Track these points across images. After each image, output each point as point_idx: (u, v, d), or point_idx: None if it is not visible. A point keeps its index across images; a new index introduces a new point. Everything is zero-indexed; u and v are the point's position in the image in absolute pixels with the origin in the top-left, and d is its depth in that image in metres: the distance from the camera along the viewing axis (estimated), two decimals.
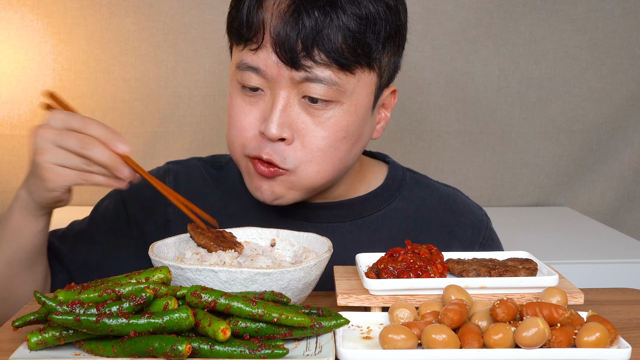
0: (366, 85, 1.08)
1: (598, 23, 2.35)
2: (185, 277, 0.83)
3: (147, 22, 2.25)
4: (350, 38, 1.02)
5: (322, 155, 1.08)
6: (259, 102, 1.08)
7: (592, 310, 0.82)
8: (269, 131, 1.04)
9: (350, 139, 1.09)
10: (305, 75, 1.03)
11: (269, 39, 1.03)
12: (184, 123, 2.31)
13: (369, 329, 0.83)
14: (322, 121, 1.06)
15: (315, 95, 1.04)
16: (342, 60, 1.03)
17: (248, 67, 1.06)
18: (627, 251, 1.93)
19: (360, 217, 1.21)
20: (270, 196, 1.10)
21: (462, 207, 1.26)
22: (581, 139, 2.41)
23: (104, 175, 0.97)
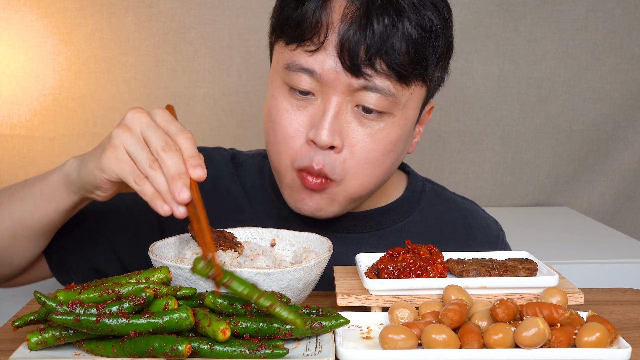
0: (416, 99, 1.06)
1: (598, 23, 2.35)
2: (185, 277, 0.83)
3: (147, 22, 2.25)
4: (413, 49, 1.00)
5: (369, 168, 1.05)
6: (308, 107, 1.03)
7: (592, 310, 0.82)
8: (320, 138, 1.01)
9: (396, 152, 1.07)
10: (364, 83, 1.00)
11: (332, 41, 0.99)
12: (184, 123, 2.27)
13: (369, 329, 0.83)
14: (373, 132, 1.03)
15: (370, 105, 1.01)
16: (402, 71, 1.00)
17: (301, 69, 1.01)
18: (627, 251, 1.93)
19: (380, 228, 1.20)
20: (312, 208, 1.08)
21: (479, 222, 1.26)
22: (581, 139, 2.40)
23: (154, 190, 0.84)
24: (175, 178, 0.83)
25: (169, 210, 0.83)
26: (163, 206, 0.83)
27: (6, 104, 2.24)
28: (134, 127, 0.88)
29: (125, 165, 0.87)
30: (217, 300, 0.77)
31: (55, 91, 2.25)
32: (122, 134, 0.88)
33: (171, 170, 0.83)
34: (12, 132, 2.25)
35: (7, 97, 2.24)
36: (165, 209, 0.83)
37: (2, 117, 2.24)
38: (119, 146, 0.88)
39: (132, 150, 0.87)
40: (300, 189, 1.07)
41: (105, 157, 0.89)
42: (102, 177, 0.90)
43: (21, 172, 2.27)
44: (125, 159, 0.87)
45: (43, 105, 2.25)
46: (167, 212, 0.83)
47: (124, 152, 0.88)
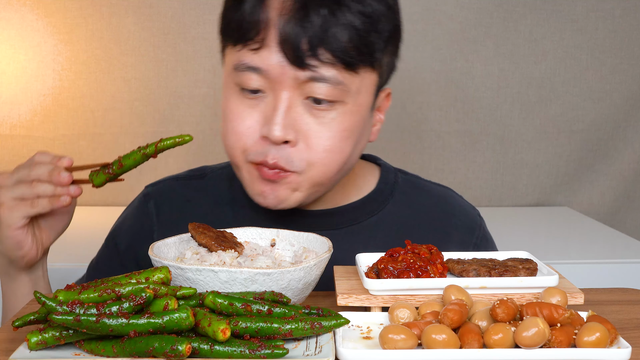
0: (368, 85, 1.07)
1: (598, 23, 2.35)
2: (185, 277, 0.83)
3: (147, 22, 2.25)
4: (356, 36, 1.01)
5: (328, 156, 1.06)
6: (259, 105, 1.05)
7: (592, 310, 0.82)
8: (273, 134, 1.02)
9: (353, 139, 1.08)
10: (310, 74, 1.01)
11: (273, 38, 1.01)
12: (184, 123, 2.31)
13: (369, 329, 0.83)
14: (327, 122, 1.04)
15: (320, 95, 1.02)
16: (348, 59, 1.01)
17: (248, 68, 1.03)
18: (627, 251, 1.93)
19: (355, 223, 1.19)
20: (274, 201, 1.08)
21: (455, 208, 1.25)
22: (581, 139, 2.41)
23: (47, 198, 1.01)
24: (50, 175, 1.01)
25: (67, 198, 1.02)
26: (61, 199, 1.02)
27: (6, 104, 2.24)
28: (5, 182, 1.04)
29: (19, 206, 1.02)
30: (217, 300, 0.77)
31: (55, 91, 2.25)
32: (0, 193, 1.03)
33: (44, 175, 1.01)
34: (12, 132, 2.26)
35: (7, 97, 2.24)
36: (63, 199, 1.02)
37: (2, 117, 2.24)
38: (4, 200, 1.02)
39: (12, 194, 1.02)
40: (258, 181, 1.08)
41: (2, 216, 1.02)
42: (13, 232, 1.03)
43: None
44: (17, 203, 1.02)
45: (43, 105, 2.25)
46: (66, 200, 1.02)
47: (10, 200, 1.02)
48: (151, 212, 1.23)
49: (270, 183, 1.07)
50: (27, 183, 1.02)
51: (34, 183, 1.01)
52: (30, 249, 1.05)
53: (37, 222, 1.06)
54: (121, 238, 1.24)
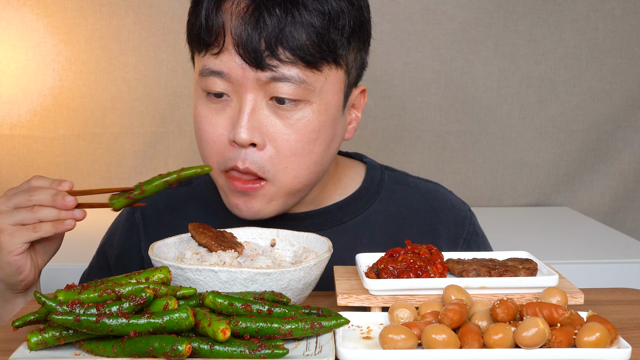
0: (334, 83, 1.06)
1: (598, 23, 2.35)
2: (185, 277, 0.83)
3: (147, 22, 2.25)
4: (314, 34, 1.01)
5: (297, 160, 1.05)
6: (226, 109, 1.05)
7: (592, 310, 0.82)
8: (239, 137, 1.02)
9: (323, 140, 1.07)
10: (271, 74, 1.01)
11: (230, 41, 1.01)
12: (184, 123, 2.31)
13: (369, 329, 0.83)
14: (293, 123, 1.04)
15: (284, 95, 1.02)
16: (308, 57, 1.01)
17: (211, 72, 1.03)
18: (627, 251, 1.93)
19: (340, 223, 1.18)
20: (249, 213, 1.08)
21: (444, 203, 1.23)
22: (581, 139, 2.41)
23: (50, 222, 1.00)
24: (54, 199, 0.99)
25: (72, 222, 1.01)
26: (65, 223, 1.00)
27: (6, 104, 2.24)
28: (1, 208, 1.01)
29: (20, 232, 1.01)
30: (217, 300, 0.77)
31: (55, 91, 2.25)
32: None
33: (47, 199, 1.00)
34: (12, 132, 2.26)
35: (7, 97, 2.24)
36: (69, 223, 1.00)
37: (2, 117, 2.24)
38: (4, 227, 1.01)
39: (12, 219, 1.01)
40: (233, 193, 1.08)
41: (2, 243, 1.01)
42: (14, 257, 1.02)
43: (21, 172, 2.27)
44: (17, 229, 1.01)
45: (43, 105, 2.25)
46: (72, 224, 1.01)
47: (11, 227, 1.01)
48: (138, 223, 1.23)
49: (243, 196, 1.07)
50: (27, 208, 1.00)
51: (36, 208, 1.00)
52: (29, 273, 1.05)
53: (32, 246, 1.06)
54: (111, 250, 1.24)
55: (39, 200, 1.00)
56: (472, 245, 1.21)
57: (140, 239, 1.21)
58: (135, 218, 1.23)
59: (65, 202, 0.99)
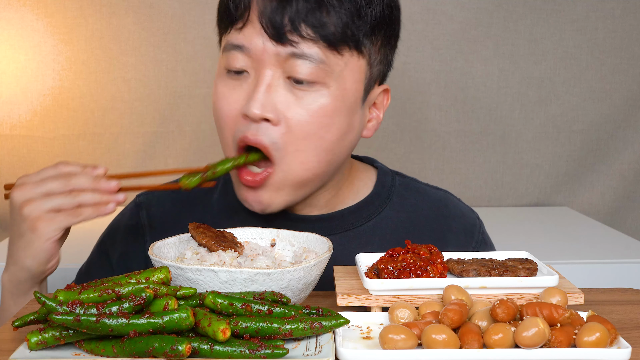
0: (355, 71, 1.05)
1: (598, 23, 2.35)
2: (185, 277, 0.83)
3: (147, 22, 2.25)
4: (339, 17, 1.01)
5: (307, 144, 1.04)
6: (243, 85, 1.05)
7: (592, 310, 0.82)
8: (251, 110, 1.01)
9: (337, 128, 1.06)
10: (291, 50, 1.01)
11: (255, 14, 1.02)
12: (184, 123, 2.31)
13: (369, 329, 0.83)
14: (307, 104, 1.03)
15: (301, 74, 1.01)
16: (330, 37, 1.01)
17: (233, 47, 1.04)
18: (627, 251, 1.93)
19: (352, 228, 1.18)
20: (258, 206, 1.08)
21: (454, 211, 1.24)
22: (581, 139, 2.41)
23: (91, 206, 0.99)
24: (96, 183, 0.98)
25: (113, 205, 0.99)
26: (108, 206, 0.99)
27: (6, 104, 2.24)
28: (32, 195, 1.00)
29: (59, 217, 0.99)
30: (217, 300, 0.77)
31: (55, 91, 2.25)
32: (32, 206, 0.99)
33: (87, 183, 0.98)
34: (12, 132, 2.26)
35: (7, 97, 2.24)
36: (111, 206, 0.99)
37: (2, 117, 2.24)
38: (41, 214, 0.99)
39: (49, 205, 0.99)
40: (240, 187, 1.08)
41: (39, 230, 0.99)
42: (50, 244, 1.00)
43: (21, 172, 2.27)
44: (54, 215, 0.99)
45: (43, 105, 2.25)
46: (113, 207, 0.99)
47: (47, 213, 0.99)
48: (143, 223, 1.22)
49: (251, 190, 1.07)
50: (64, 194, 0.99)
51: (74, 192, 0.99)
52: (57, 261, 1.05)
53: None
54: (113, 248, 1.23)
55: (78, 185, 0.98)
56: None
57: (145, 239, 1.21)
58: (140, 217, 1.23)
59: (108, 185, 0.99)
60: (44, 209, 0.99)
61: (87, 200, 0.99)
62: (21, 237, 1.02)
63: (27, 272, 1.05)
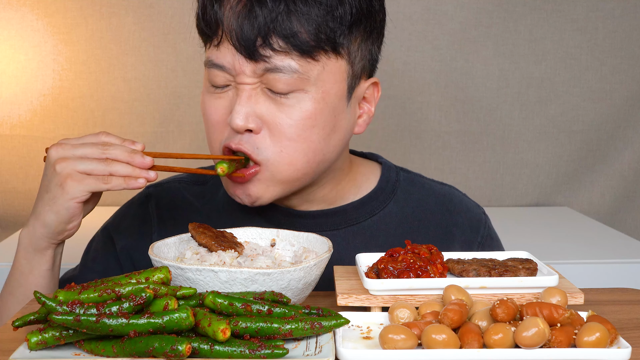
0: (334, 72, 1.05)
1: (598, 23, 2.35)
2: (185, 277, 0.83)
3: (147, 22, 2.25)
4: (310, 23, 1.01)
5: (291, 145, 1.05)
6: (225, 97, 1.07)
7: (592, 310, 0.82)
8: (234, 122, 1.03)
9: (322, 128, 1.06)
10: (264, 66, 1.02)
11: (227, 34, 1.03)
12: (184, 123, 2.31)
13: (369, 329, 0.83)
14: (288, 110, 1.04)
15: (278, 87, 1.03)
16: (302, 46, 1.01)
17: (213, 65, 1.06)
18: (627, 251, 1.93)
19: (355, 223, 1.18)
20: (247, 199, 1.09)
21: (459, 206, 1.23)
22: (581, 139, 2.41)
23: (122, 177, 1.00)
24: (131, 156, 1.00)
25: (144, 180, 1.00)
26: (138, 181, 1.00)
27: (6, 104, 2.24)
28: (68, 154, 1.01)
29: (88, 180, 1.00)
30: (217, 300, 0.77)
31: (55, 91, 2.25)
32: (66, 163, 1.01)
33: (123, 155, 1.00)
34: (12, 132, 2.26)
35: (7, 97, 2.24)
36: (141, 181, 1.00)
37: (2, 117, 2.24)
38: (72, 173, 1.00)
39: (82, 167, 1.00)
40: (229, 183, 1.09)
41: (69, 186, 1.00)
42: (75, 204, 1.02)
43: (21, 172, 2.27)
44: (84, 177, 1.00)
45: (43, 105, 2.25)
46: (143, 183, 1.00)
47: (79, 174, 1.00)
48: (152, 213, 1.23)
49: (240, 186, 1.08)
50: (99, 160, 1.00)
51: (109, 161, 1.00)
52: (77, 224, 1.06)
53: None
54: (119, 235, 1.23)
55: (114, 155, 1.00)
56: (487, 249, 1.21)
57: (152, 230, 1.21)
58: (149, 208, 1.23)
59: (143, 160, 1.00)
60: (75, 169, 1.00)
61: (119, 171, 1.00)
62: (48, 191, 1.03)
63: (47, 228, 1.05)
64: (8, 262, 1.77)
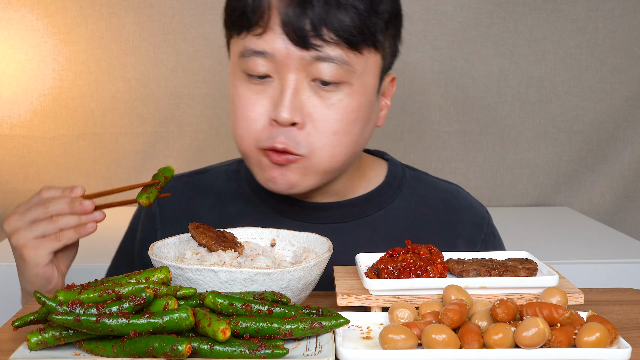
0: (373, 67, 1.08)
1: (598, 23, 2.35)
2: (185, 277, 0.83)
3: (147, 22, 2.25)
4: (357, 17, 1.02)
5: (336, 139, 1.07)
6: (267, 90, 1.06)
7: (592, 310, 0.82)
8: (281, 115, 1.03)
9: (361, 120, 1.09)
10: (316, 54, 1.02)
11: (276, 20, 1.02)
12: (184, 123, 2.31)
13: (369, 329, 0.83)
14: (333, 103, 1.05)
15: (326, 76, 1.03)
16: (351, 38, 1.02)
17: (254, 53, 1.04)
18: (627, 251, 1.93)
19: (362, 216, 1.20)
20: (285, 185, 1.09)
21: (463, 203, 1.26)
22: (581, 139, 2.41)
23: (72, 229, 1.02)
24: (71, 207, 1.01)
25: (94, 224, 1.02)
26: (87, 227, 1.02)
27: (6, 104, 2.24)
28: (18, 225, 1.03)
29: (43, 243, 1.02)
30: (217, 300, 0.77)
31: (55, 91, 2.25)
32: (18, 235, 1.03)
33: (64, 208, 1.01)
34: (12, 132, 2.25)
35: (7, 97, 2.24)
36: (91, 226, 1.02)
37: (2, 117, 2.24)
38: (27, 242, 1.02)
39: (33, 233, 1.02)
40: (269, 167, 1.08)
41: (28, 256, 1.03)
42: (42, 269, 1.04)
43: (21, 172, 2.27)
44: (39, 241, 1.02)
45: (43, 105, 2.25)
46: (93, 226, 1.02)
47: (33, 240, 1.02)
48: (154, 212, 1.24)
49: (279, 167, 1.08)
50: (46, 220, 1.02)
51: (54, 218, 1.01)
52: (58, 282, 1.07)
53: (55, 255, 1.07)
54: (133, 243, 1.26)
55: (56, 210, 1.01)
56: (489, 246, 1.23)
57: (156, 227, 1.22)
58: (151, 210, 1.24)
59: (83, 207, 1.01)
60: (29, 237, 1.02)
61: (66, 224, 1.01)
62: (17, 265, 1.06)
63: (32, 296, 1.07)
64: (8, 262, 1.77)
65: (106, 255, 1.36)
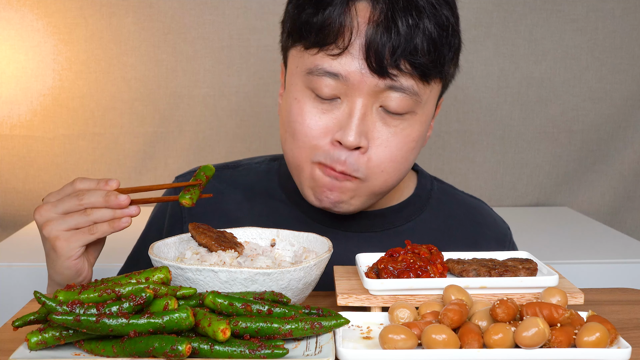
0: (434, 96, 1.09)
1: (598, 23, 2.35)
2: (185, 277, 0.83)
3: (147, 22, 2.25)
4: (432, 47, 1.01)
5: (393, 166, 1.07)
6: (334, 111, 1.04)
7: (592, 310, 0.82)
8: (347, 139, 1.02)
9: (418, 148, 1.10)
10: (390, 83, 1.01)
11: (358, 44, 1.00)
12: (184, 123, 2.31)
13: (369, 329, 0.83)
14: (398, 132, 1.05)
15: (394, 106, 1.02)
16: (424, 70, 1.02)
17: (325, 73, 1.02)
18: (627, 251, 1.93)
19: (392, 227, 1.20)
20: (333, 200, 1.08)
21: (487, 219, 1.26)
22: (581, 139, 2.41)
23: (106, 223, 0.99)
24: (107, 200, 0.97)
25: (128, 219, 0.98)
26: (122, 221, 0.98)
27: (6, 104, 2.24)
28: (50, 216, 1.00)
29: (76, 236, 1.00)
30: (217, 300, 0.77)
31: (55, 91, 2.25)
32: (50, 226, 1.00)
33: (99, 200, 0.98)
34: (12, 132, 2.25)
35: (7, 97, 2.24)
36: (125, 221, 0.98)
37: (2, 117, 2.24)
38: (59, 234, 0.99)
39: (69, 224, 0.99)
40: (322, 181, 1.07)
41: (60, 249, 1.00)
42: (73, 262, 1.01)
43: (21, 172, 2.27)
44: (71, 234, 1.00)
45: (43, 105, 2.25)
46: (128, 221, 0.98)
47: (65, 232, 0.99)
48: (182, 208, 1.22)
49: (332, 181, 1.06)
50: (79, 212, 0.99)
51: (88, 210, 0.99)
52: (87, 274, 1.06)
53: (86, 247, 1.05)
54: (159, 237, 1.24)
55: (90, 203, 0.98)
56: None
57: (183, 220, 1.21)
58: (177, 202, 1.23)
59: (119, 201, 0.98)
60: (61, 229, 0.99)
61: (101, 217, 0.99)
62: (48, 255, 1.04)
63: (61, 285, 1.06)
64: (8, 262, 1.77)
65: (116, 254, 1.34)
